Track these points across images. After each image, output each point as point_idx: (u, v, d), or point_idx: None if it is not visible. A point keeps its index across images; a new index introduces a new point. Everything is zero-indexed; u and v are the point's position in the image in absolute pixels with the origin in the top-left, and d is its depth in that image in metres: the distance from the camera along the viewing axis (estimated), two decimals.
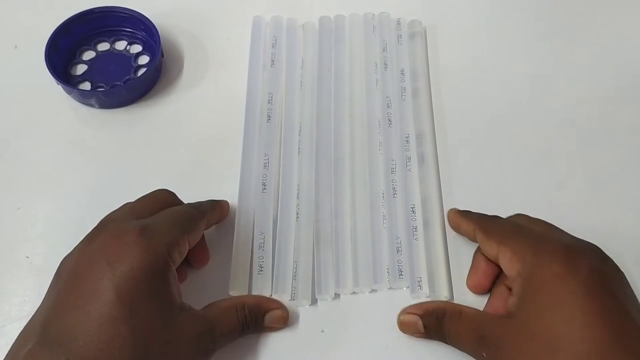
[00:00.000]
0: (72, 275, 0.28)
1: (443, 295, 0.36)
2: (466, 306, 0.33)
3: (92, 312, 0.26)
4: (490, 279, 0.35)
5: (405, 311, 0.34)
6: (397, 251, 0.37)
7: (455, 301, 0.36)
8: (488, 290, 0.35)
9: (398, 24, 0.47)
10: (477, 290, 0.35)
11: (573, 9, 0.49)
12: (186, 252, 0.31)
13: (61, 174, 0.41)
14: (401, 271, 0.36)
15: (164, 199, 0.34)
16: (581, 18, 0.49)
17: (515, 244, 0.32)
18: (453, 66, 0.46)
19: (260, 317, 0.34)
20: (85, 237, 0.30)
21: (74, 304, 0.27)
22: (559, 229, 0.34)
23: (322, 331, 0.35)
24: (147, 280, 0.28)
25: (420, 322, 0.33)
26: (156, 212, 0.32)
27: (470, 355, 0.32)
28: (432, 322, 0.33)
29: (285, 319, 0.35)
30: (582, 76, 0.46)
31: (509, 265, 0.31)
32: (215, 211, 0.36)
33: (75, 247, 0.30)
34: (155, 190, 0.35)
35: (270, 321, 0.34)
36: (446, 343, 0.33)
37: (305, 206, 0.39)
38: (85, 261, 0.28)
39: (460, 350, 0.32)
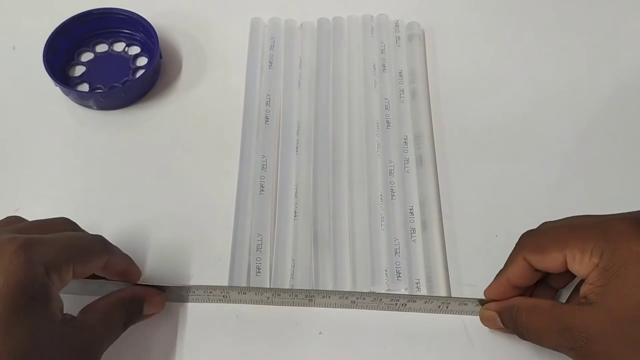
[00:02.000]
0: None
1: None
2: (539, 299, 0.33)
3: None
4: (518, 291, 0.33)
5: (485, 307, 0.34)
6: (396, 253, 0.37)
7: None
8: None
9: (396, 25, 0.47)
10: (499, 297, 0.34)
11: (572, 12, 0.49)
12: (69, 280, 0.29)
13: (59, 176, 0.41)
14: (399, 273, 0.36)
15: (59, 228, 0.31)
16: (580, 21, 0.49)
17: (579, 242, 0.30)
18: (451, 68, 0.46)
19: (139, 308, 0.33)
20: None
21: None
22: (591, 215, 0.32)
23: (320, 333, 0.35)
24: (23, 298, 0.26)
25: (498, 319, 0.33)
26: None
27: (553, 349, 0.30)
28: (507, 319, 0.32)
29: (163, 303, 0.35)
30: (580, 78, 0.46)
31: (581, 264, 0.29)
32: (124, 259, 0.33)
33: None
34: (55, 218, 0.33)
35: (149, 309, 0.34)
36: (526, 340, 0.31)
37: (303, 205, 0.39)
38: None
39: (541, 345, 0.31)
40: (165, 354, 0.34)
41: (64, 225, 0.32)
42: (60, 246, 0.28)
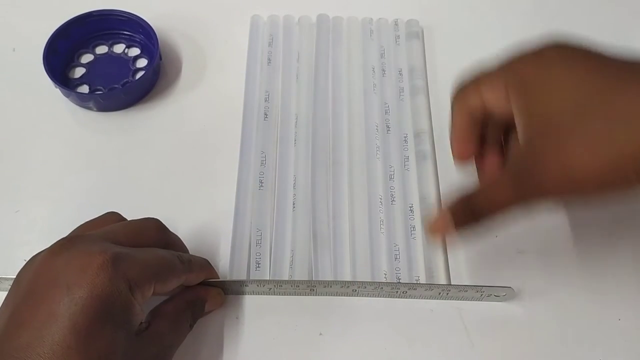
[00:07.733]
0: (30, 291, 0.27)
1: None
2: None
3: (45, 336, 0.25)
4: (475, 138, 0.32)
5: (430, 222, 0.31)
6: (395, 259, 0.37)
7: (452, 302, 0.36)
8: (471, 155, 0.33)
9: (396, 24, 0.47)
10: (464, 156, 0.33)
11: (573, 12, 0.49)
12: (149, 296, 0.30)
13: (59, 177, 0.41)
14: (399, 279, 0.36)
15: (152, 235, 0.32)
16: (580, 21, 0.49)
17: (494, 77, 0.32)
18: (450, 65, 0.46)
19: (202, 308, 0.34)
20: (54, 245, 0.28)
21: (29, 324, 0.26)
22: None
23: (320, 334, 0.35)
24: (104, 311, 0.26)
25: (448, 215, 0.30)
26: (137, 245, 0.30)
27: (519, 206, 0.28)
28: (458, 207, 0.30)
29: (223, 300, 0.35)
30: None
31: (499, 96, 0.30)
32: (201, 273, 0.34)
33: (39, 254, 0.29)
34: (147, 220, 0.33)
35: (210, 307, 0.35)
36: (483, 219, 0.29)
37: (301, 196, 0.39)
38: (45, 278, 0.27)
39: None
40: None
41: (156, 232, 0.32)
42: (145, 264, 0.29)
